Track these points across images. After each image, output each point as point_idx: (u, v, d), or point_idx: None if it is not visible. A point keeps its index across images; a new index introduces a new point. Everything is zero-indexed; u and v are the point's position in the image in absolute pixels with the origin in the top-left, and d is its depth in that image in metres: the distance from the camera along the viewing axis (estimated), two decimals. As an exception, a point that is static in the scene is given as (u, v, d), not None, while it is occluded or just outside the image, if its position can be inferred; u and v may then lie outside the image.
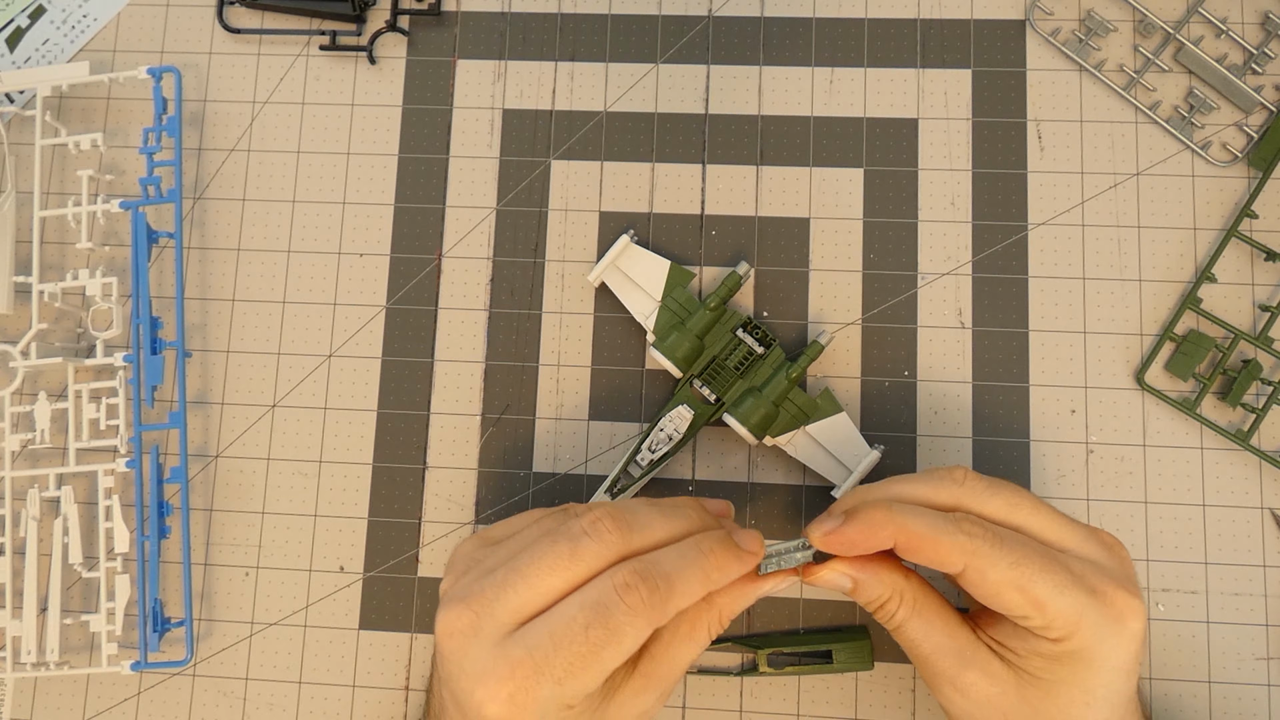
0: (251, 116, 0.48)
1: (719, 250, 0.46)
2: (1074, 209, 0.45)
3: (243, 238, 0.48)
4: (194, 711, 0.44)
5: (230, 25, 0.49)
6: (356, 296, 0.47)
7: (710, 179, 0.47)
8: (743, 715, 0.43)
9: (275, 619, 0.45)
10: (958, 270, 0.45)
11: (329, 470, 0.46)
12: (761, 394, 0.42)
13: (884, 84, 0.47)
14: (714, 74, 0.47)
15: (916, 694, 0.42)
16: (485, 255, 0.47)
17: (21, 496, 0.45)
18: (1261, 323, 0.44)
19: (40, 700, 0.45)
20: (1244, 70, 0.45)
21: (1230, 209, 0.45)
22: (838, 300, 0.45)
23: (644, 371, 0.45)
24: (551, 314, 0.46)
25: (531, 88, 0.48)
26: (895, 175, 0.46)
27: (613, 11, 0.48)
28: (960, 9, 0.47)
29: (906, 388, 0.44)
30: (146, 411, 0.45)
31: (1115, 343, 0.44)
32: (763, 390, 0.42)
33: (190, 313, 0.47)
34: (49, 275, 0.47)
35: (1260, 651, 0.42)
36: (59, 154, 0.49)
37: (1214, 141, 0.45)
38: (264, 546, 0.45)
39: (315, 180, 0.48)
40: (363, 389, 0.46)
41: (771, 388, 0.42)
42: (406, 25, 0.49)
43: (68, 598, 0.45)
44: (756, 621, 0.43)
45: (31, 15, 0.50)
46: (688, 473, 0.44)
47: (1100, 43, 0.46)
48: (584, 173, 0.47)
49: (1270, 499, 0.43)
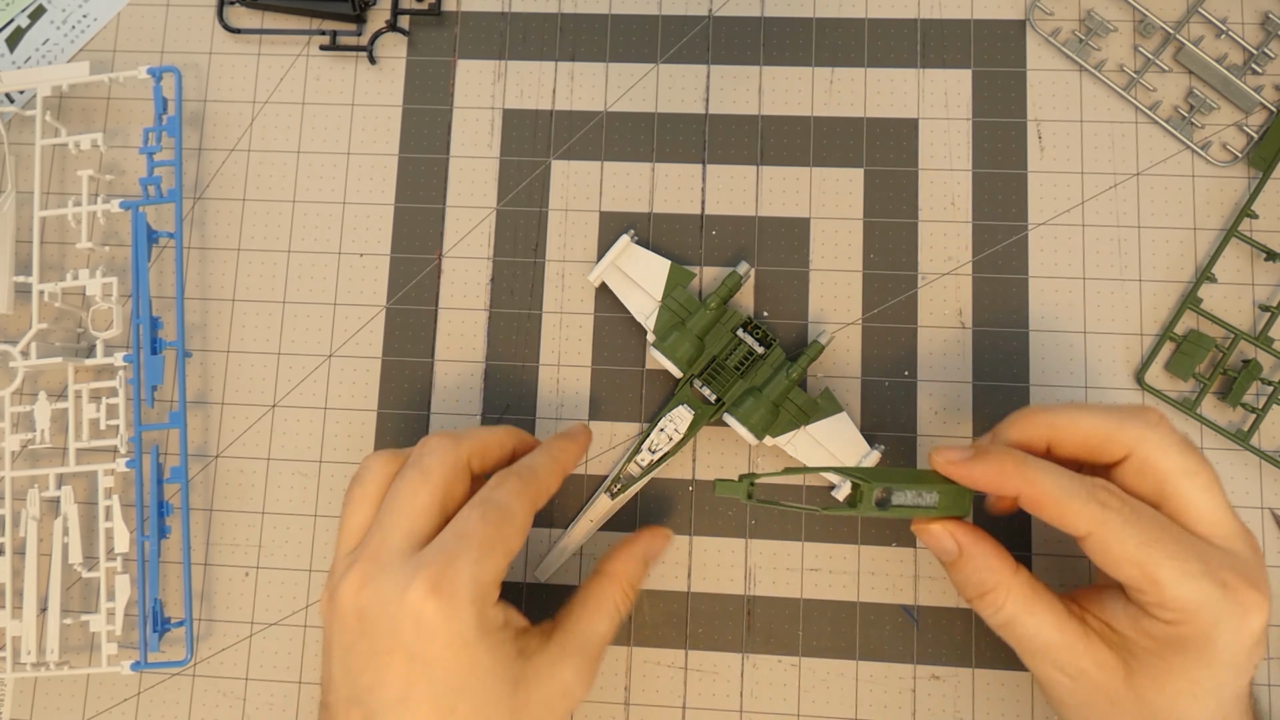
0: (251, 116, 0.48)
1: (719, 250, 0.46)
2: (1074, 209, 0.45)
3: (243, 238, 0.48)
4: (194, 711, 0.44)
5: (230, 25, 0.49)
6: (356, 296, 0.47)
7: (710, 179, 0.47)
8: (743, 715, 0.43)
9: (275, 619, 0.45)
10: (958, 270, 0.45)
11: (329, 470, 0.46)
12: (762, 394, 0.42)
13: (884, 84, 0.47)
14: (714, 74, 0.47)
15: (916, 694, 0.42)
16: (485, 255, 0.47)
17: (21, 496, 0.45)
18: (1261, 323, 0.44)
19: (40, 700, 0.45)
20: (1244, 70, 0.45)
21: (1230, 209, 0.45)
22: (838, 300, 0.45)
23: (644, 371, 0.45)
24: (551, 314, 0.46)
25: (531, 88, 0.48)
26: (895, 175, 0.46)
27: (613, 11, 0.48)
28: (960, 9, 0.47)
29: (906, 388, 0.44)
30: (146, 411, 0.45)
31: (1115, 343, 0.44)
32: (763, 390, 0.42)
33: (190, 313, 0.47)
34: (49, 275, 0.47)
35: (1260, 651, 0.42)
36: (59, 154, 0.49)
37: (1214, 141, 0.45)
38: (264, 546, 0.45)
39: (315, 180, 0.48)
40: (363, 389, 0.46)
41: (772, 387, 0.42)
42: (406, 25, 0.49)
43: (68, 598, 0.45)
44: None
45: (31, 15, 0.50)
46: (687, 473, 0.44)
47: (1100, 43, 0.46)
48: (584, 173, 0.47)
49: (1270, 499, 0.43)
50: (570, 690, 0.36)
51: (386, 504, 0.36)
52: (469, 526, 0.35)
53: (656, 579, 0.44)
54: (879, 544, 0.43)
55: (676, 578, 0.44)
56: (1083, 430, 0.35)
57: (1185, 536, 0.33)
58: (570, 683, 0.36)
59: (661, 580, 0.44)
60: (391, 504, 0.36)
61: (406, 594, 0.33)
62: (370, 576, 0.34)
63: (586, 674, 0.36)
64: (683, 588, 0.44)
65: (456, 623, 0.33)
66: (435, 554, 0.34)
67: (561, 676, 0.36)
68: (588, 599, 0.38)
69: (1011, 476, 0.34)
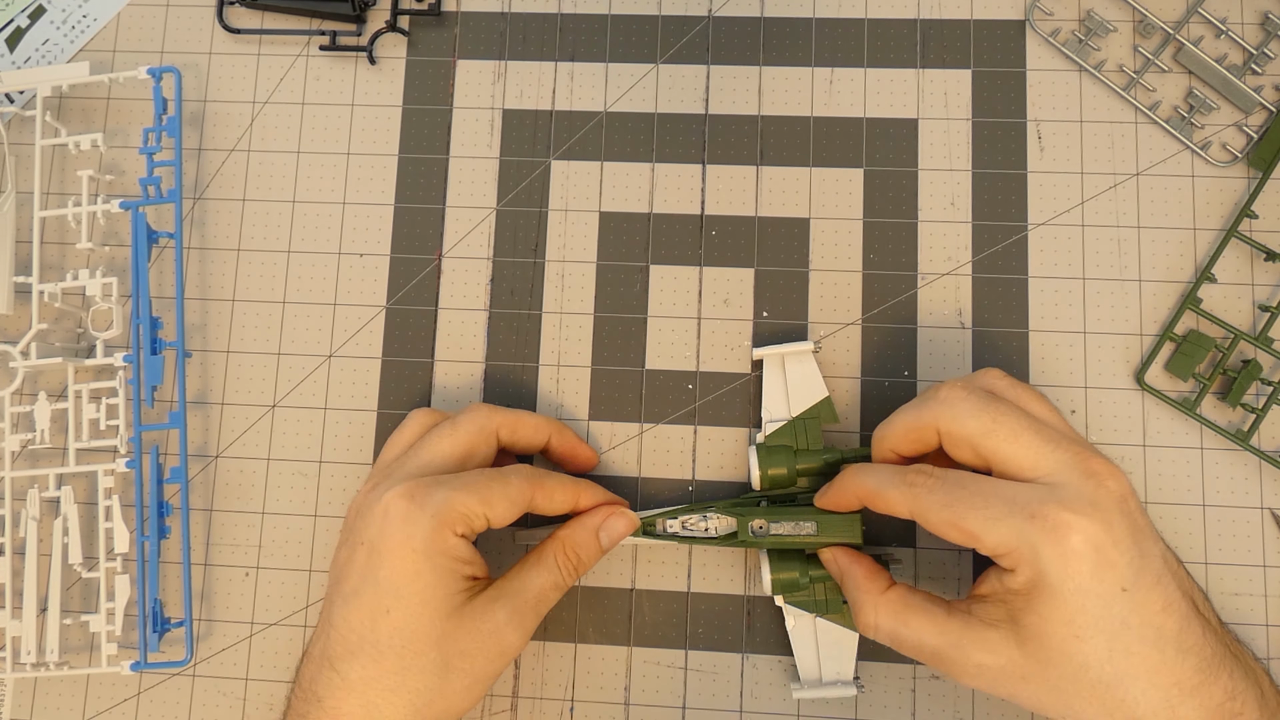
0: (251, 116, 0.48)
1: (719, 250, 0.46)
2: (1074, 209, 0.45)
3: (243, 238, 0.48)
4: (194, 711, 0.44)
5: (230, 25, 0.49)
6: (356, 296, 0.47)
7: (710, 179, 0.47)
8: (743, 715, 0.43)
9: (275, 619, 0.45)
10: (958, 270, 0.45)
11: (329, 470, 0.46)
12: (806, 574, 0.41)
13: (884, 84, 0.47)
14: (714, 74, 0.47)
15: (916, 694, 0.42)
16: (485, 255, 0.47)
17: (21, 496, 0.45)
18: (1261, 323, 0.44)
19: (40, 700, 0.45)
20: (1244, 70, 0.45)
21: (1230, 209, 0.45)
22: (838, 300, 0.45)
23: (644, 371, 0.45)
24: (551, 314, 0.46)
25: (531, 88, 0.48)
26: (895, 175, 0.46)
27: (613, 11, 0.48)
28: (960, 9, 0.47)
29: (906, 388, 0.44)
30: (146, 411, 0.45)
31: (1115, 343, 0.44)
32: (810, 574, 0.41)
33: (190, 313, 0.47)
34: (49, 275, 0.47)
35: (1260, 651, 0.42)
36: (59, 154, 0.49)
37: (1214, 141, 0.45)
38: (264, 546, 0.45)
39: (315, 180, 0.48)
40: (363, 389, 0.46)
41: (818, 571, 0.41)
42: (406, 25, 0.49)
43: (68, 598, 0.45)
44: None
45: (31, 15, 0.50)
46: (687, 473, 0.44)
47: (1100, 43, 0.46)
48: (584, 173, 0.47)
49: (1270, 499, 0.43)
50: (500, 630, 0.37)
51: (415, 445, 0.40)
52: (470, 474, 0.38)
53: (657, 579, 0.44)
54: (880, 544, 0.43)
55: (676, 578, 0.44)
56: (899, 431, 0.38)
57: (989, 486, 0.34)
58: (501, 623, 0.37)
59: (661, 580, 0.44)
60: (418, 444, 0.40)
61: (386, 494, 0.37)
62: (375, 484, 0.39)
63: (519, 619, 0.38)
64: (683, 588, 0.44)
65: (413, 526, 0.36)
66: (426, 476, 0.37)
67: (494, 616, 0.37)
68: (530, 554, 0.40)
69: (847, 489, 0.38)
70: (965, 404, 0.36)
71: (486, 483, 0.37)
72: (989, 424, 0.35)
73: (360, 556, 0.37)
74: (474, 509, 0.37)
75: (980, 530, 0.33)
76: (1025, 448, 0.34)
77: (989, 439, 0.35)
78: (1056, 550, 0.32)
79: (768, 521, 0.40)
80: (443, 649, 0.36)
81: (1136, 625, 0.33)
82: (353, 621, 0.36)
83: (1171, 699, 0.32)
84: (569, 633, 0.44)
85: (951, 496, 0.34)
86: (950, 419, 0.36)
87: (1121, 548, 0.33)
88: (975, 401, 0.36)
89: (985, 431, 0.35)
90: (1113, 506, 0.33)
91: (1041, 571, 0.33)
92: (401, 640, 0.36)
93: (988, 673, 0.34)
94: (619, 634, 0.44)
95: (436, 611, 0.36)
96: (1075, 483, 0.34)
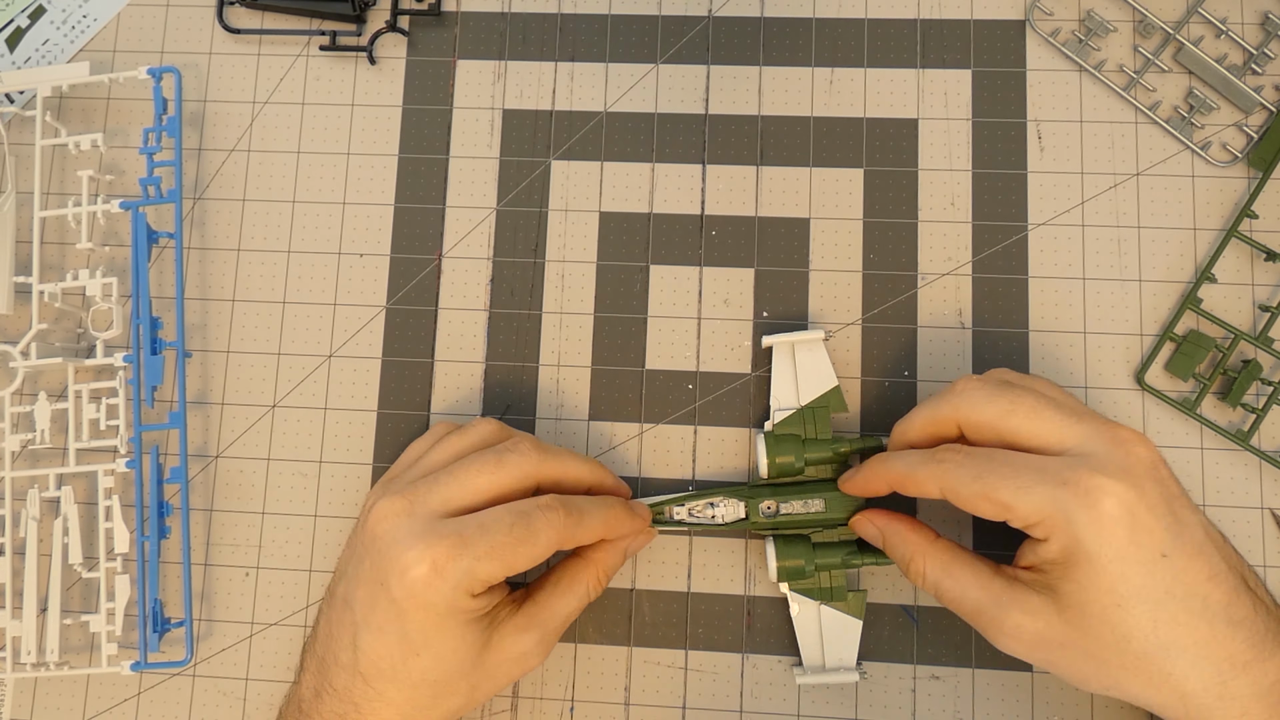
0: (251, 117, 0.48)
1: (719, 250, 0.46)
2: (1074, 209, 0.45)
3: (243, 238, 0.48)
4: (194, 711, 0.44)
5: (230, 25, 0.49)
6: (356, 297, 0.47)
7: (710, 179, 0.47)
8: (743, 715, 0.43)
9: (275, 619, 0.45)
10: (958, 270, 0.45)
11: (329, 470, 0.46)
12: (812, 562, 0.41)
13: (884, 84, 0.47)
14: (714, 74, 0.47)
15: (916, 694, 0.42)
16: (485, 255, 0.47)
17: (21, 496, 0.45)
18: (1261, 323, 0.44)
19: (40, 700, 0.45)
20: (1244, 70, 0.45)
21: (1230, 209, 0.45)
22: (838, 300, 0.45)
23: (644, 371, 0.45)
24: (551, 314, 0.46)
25: (531, 88, 0.48)
26: (895, 175, 0.46)
27: (613, 11, 0.48)
28: (960, 9, 0.47)
29: (906, 388, 0.44)
30: (146, 411, 0.45)
31: (1115, 343, 0.44)
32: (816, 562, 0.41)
33: (190, 313, 0.47)
34: (49, 275, 0.47)
35: (1260, 651, 0.42)
36: (59, 154, 0.49)
37: (1214, 142, 0.45)
38: (264, 546, 0.45)
39: (315, 180, 0.48)
40: (363, 389, 0.46)
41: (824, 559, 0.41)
42: (406, 25, 0.49)
43: (68, 598, 0.45)
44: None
45: (31, 15, 0.50)
46: (688, 472, 0.44)
47: (1100, 43, 0.46)
48: (584, 173, 0.47)
49: (1270, 499, 0.43)
50: (526, 658, 0.38)
51: (457, 464, 0.38)
52: (495, 526, 0.36)
53: (657, 579, 0.44)
54: (879, 544, 0.43)
55: (676, 578, 0.44)
56: (918, 425, 0.38)
57: (1018, 458, 0.34)
58: (528, 651, 0.38)
59: (661, 580, 0.44)
60: (456, 468, 0.38)
61: (409, 551, 0.35)
62: (399, 514, 0.36)
63: (545, 645, 0.39)
64: (683, 588, 0.44)
65: (434, 594, 0.35)
66: (452, 532, 0.35)
67: (521, 645, 0.38)
68: (562, 578, 0.40)
69: (876, 474, 0.38)
70: (981, 391, 0.36)
71: (514, 546, 0.35)
72: (1007, 405, 0.35)
73: (383, 602, 0.36)
74: (498, 574, 0.36)
75: (1012, 500, 0.33)
76: (1048, 422, 0.35)
77: (1010, 418, 0.35)
78: (1090, 515, 0.32)
79: (777, 502, 0.41)
80: (472, 679, 0.37)
81: (1181, 595, 0.32)
82: (382, 652, 0.36)
83: (1224, 674, 0.32)
84: (569, 633, 0.44)
85: (981, 469, 0.34)
86: (969, 407, 0.36)
87: (1157, 512, 0.33)
88: (991, 388, 0.36)
89: (1005, 412, 0.35)
90: (1144, 472, 0.33)
91: (1076, 538, 0.32)
92: (434, 677, 0.36)
93: (1025, 635, 0.34)
94: (619, 634, 0.44)
95: (465, 657, 0.37)
96: (1104, 450, 0.33)
